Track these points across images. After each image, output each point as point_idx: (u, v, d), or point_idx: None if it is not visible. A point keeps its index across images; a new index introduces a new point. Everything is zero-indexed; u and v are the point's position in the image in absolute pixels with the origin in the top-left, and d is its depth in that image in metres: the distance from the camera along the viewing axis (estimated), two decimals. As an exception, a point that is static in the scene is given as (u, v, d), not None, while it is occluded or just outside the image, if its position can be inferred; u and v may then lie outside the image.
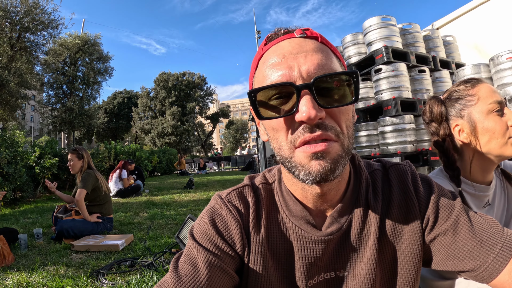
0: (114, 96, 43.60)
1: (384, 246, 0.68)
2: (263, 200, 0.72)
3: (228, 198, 0.72)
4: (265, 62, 0.62)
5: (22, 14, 17.75)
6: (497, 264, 0.59)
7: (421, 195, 0.68)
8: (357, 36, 6.23)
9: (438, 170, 1.20)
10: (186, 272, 0.62)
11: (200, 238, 0.68)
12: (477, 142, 1.11)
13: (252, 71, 0.68)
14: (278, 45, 0.62)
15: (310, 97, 0.54)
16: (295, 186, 0.68)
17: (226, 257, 0.66)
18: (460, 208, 0.67)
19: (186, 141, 38.50)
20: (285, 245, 0.69)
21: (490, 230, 0.63)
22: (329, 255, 0.68)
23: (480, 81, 1.13)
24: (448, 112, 1.18)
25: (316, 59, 0.57)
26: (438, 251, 0.66)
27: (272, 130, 0.62)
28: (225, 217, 0.70)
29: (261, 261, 0.67)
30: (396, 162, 0.75)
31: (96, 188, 3.99)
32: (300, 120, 0.54)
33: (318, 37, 0.62)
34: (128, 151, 13.94)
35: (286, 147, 0.59)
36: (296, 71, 0.56)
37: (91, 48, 24.72)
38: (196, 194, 7.86)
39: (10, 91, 17.31)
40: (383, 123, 5.16)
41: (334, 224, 0.67)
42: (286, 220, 0.70)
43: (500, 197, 1.18)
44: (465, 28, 6.78)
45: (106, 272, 2.62)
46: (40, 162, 7.98)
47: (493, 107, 1.07)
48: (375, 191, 0.70)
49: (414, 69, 5.55)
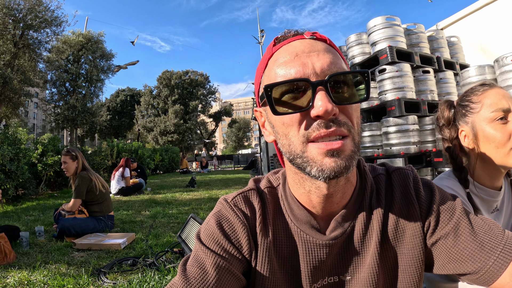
0: (117, 94, 43.78)
1: (386, 250, 0.69)
2: (268, 204, 0.72)
3: (234, 202, 0.73)
4: (276, 60, 0.62)
5: (25, 12, 17.78)
6: (497, 267, 0.59)
7: (422, 199, 0.69)
8: (361, 36, 6.20)
9: (449, 171, 1.20)
10: (195, 274, 0.63)
11: (208, 241, 0.68)
12: (479, 149, 1.10)
13: (259, 71, 0.69)
14: (289, 45, 0.62)
15: (325, 93, 0.55)
16: (301, 190, 0.67)
17: (233, 260, 0.67)
18: (461, 211, 0.67)
19: (188, 139, 38.57)
20: (291, 249, 0.70)
21: (491, 232, 0.64)
22: (333, 259, 0.69)
23: (492, 87, 1.11)
24: (457, 116, 1.18)
25: (328, 57, 0.58)
26: (439, 255, 0.67)
27: (282, 126, 0.61)
28: (231, 221, 0.70)
29: (267, 265, 0.68)
30: (399, 167, 0.76)
31: (90, 189, 3.98)
32: (316, 114, 0.55)
33: (327, 39, 0.64)
34: (131, 149, 13.99)
35: (298, 141, 0.59)
36: (310, 68, 0.57)
37: (94, 46, 24.75)
38: (198, 193, 7.86)
39: (13, 89, 17.36)
40: (387, 123, 5.14)
41: (338, 229, 0.68)
42: (291, 224, 0.70)
43: (508, 203, 1.17)
44: (469, 29, 6.73)
45: (108, 271, 2.61)
46: (42, 160, 8.00)
47: (496, 115, 1.05)
48: (378, 196, 0.71)
49: (418, 70, 5.51)
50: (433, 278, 1.11)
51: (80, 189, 3.90)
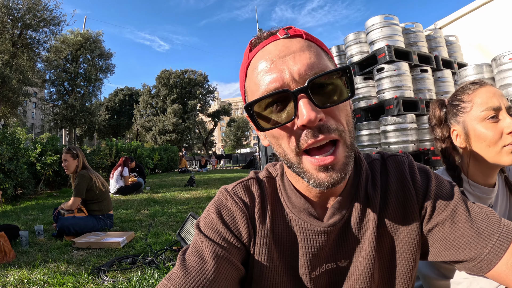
0: (116, 93, 43.70)
1: (382, 235, 0.69)
2: (267, 193, 0.73)
3: (234, 191, 0.74)
4: (254, 70, 0.61)
5: (24, 11, 17.75)
6: (494, 254, 0.59)
7: (419, 184, 0.69)
8: (360, 35, 6.21)
9: (442, 169, 1.21)
10: (193, 264, 0.63)
11: (207, 230, 0.68)
12: (472, 148, 1.11)
13: (241, 79, 0.67)
14: (264, 50, 0.61)
15: (307, 100, 0.53)
16: (300, 183, 0.68)
17: (232, 249, 0.67)
18: (458, 198, 0.67)
19: (187, 139, 38.54)
20: (289, 236, 0.70)
21: (488, 220, 0.63)
22: (331, 245, 0.69)
23: (482, 85, 1.11)
24: (448, 115, 1.19)
25: (305, 58, 0.56)
26: (436, 241, 0.66)
27: (273, 138, 0.62)
28: (231, 209, 0.71)
29: (266, 252, 0.68)
30: (394, 153, 0.75)
31: (90, 188, 3.99)
32: (301, 124, 0.54)
33: (303, 34, 0.61)
34: (130, 148, 13.97)
35: (291, 153, 0.59)
36: (288, 74, 0.55)
37: (93, 45, 24.74)
38: (197, 192, 7.86)
39: (11, 88, 17.35)
40: (385, 122, 5.16)
41: (335, 215, 0.68)
42: (289, 212, 0.71)
43: (503, 199, 1.18)
44: (467, 28, 6.75)
45: (107, 269, 2.62)
46: (41, 159, 7.99)
47: (487, 114, 1.05)
48: (374, 181, 0.71)
49: (416, 69, 5.53)
50: (429, 275, 1.12)
51: (80, 187, 3.90)
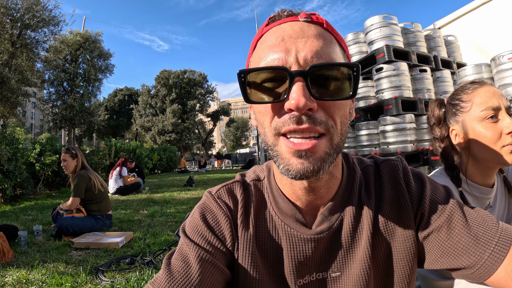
0: (115, 93, 43.69)
1: (377, 244, 0.66)
2: (252, 197, 0.71)
3: (218, 194, 0.72)
4: (263, 43, 0.59)
5: (23, 11, 17.74)
6: (493, 260, 0.57)
7: (413, 190, 0.66)
8: (359, 35, 6.22)
9: (441, 169, 1.20)
10: (178, 268, 0.62)
11: (192, 234, 0.67)
12: (471, 148, 1.10)
13: (250, 51, 0.65)
14: (279, 27, 0.58)
15: (303, 85, 0.50)
16: (284, 180, 0.66)
17: (217, 253, 0.66)
18: (454, 203, 0.65)
19: (186, 139, 38.53)
20: (274, 243, 0.68)
21: (485, 225, 0.61)
22: (320, 254, 0.67)
23: (482, 85, 1.11)
24: (447, 115, 1.18)
25: (316, 46, 0.53)
26: (432, 249, 0.64)
27: (259, 114, 0.59)
28: (215, 213, 0.69)
29: (249, 258, 0.66)
30: (387, 158, 0.73)
31: (89, 188, 3.99)
32: (288, 108, 0.51)
33: (324, 23, 0.58)
34: (129, 148, 13.96)
35: (270, 133, 0.56)
36: (293, 56, 0.53)
37: (92, 45, 24.73)
38: (196, 192, 7.86)
39: (10, 88, 17.33)
40: (384, 122, 5.15)
41: (324, 223, 0.65)
42: (275, 217, 0.68)
43: (501, 199, 1.18)
44: (466, 28, 6.75)
45: (106, 270, 2.62)
46: (40, 159, 7.98)
47: (486, 114, 1.05)
48: (367, 188, 0.68)
49: (415, 69, 5.53)
50: (427, 275, 1.11)
51: (79, 187, 3.90)
